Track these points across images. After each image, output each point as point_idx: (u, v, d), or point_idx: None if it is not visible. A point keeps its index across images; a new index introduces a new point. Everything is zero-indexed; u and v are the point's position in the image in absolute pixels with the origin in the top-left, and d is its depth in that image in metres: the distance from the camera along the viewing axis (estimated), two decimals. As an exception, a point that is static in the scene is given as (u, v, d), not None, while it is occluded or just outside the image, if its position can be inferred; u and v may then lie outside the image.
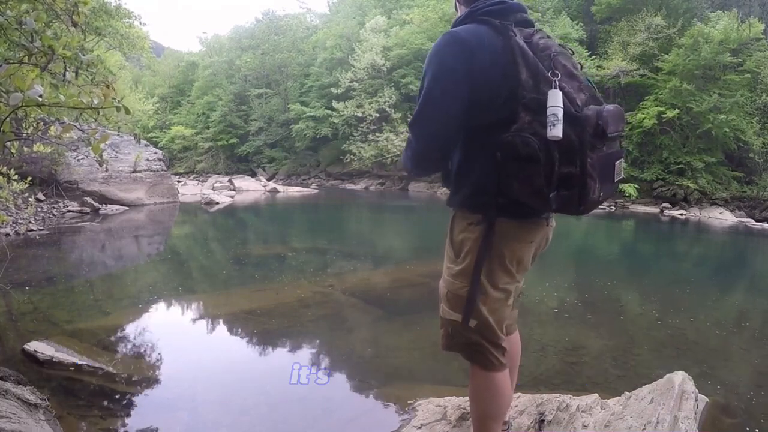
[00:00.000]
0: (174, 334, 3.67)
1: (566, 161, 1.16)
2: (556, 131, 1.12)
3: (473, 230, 1.35)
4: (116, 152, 12.09)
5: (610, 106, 1.22)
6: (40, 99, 1.56)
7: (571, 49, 1.38)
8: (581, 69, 1.34)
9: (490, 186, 1.28)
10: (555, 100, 1.13)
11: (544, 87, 1.17)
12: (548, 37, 1.32)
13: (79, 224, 8.88)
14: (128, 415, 2.37)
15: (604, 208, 17.08)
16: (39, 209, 9.28)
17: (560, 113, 1.13)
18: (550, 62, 1.21)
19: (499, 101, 1.24)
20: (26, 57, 1.88)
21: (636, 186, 17.54)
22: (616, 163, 1.27)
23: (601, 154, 1.18)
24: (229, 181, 21.20)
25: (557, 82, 1.16)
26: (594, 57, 20.65)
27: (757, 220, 15.26)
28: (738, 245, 10.99)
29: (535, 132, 1.17)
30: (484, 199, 1.31)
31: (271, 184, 21.41)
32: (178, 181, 20.63)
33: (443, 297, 1.46)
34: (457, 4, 1.46)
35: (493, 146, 1.23)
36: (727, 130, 17.03)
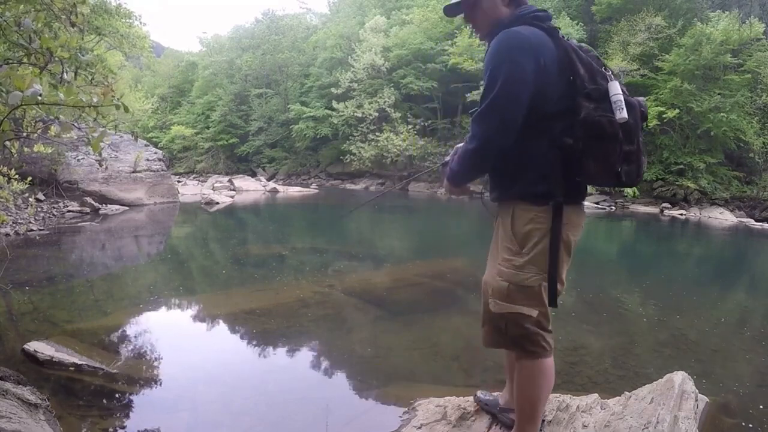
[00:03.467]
0: (174, 334, 3.67)
1: (627, 141, 1.31)
2: (624, 113, 1.28)
3: (541, 219, 1.40)
4: (116, 152, 12.06)
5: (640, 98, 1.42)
6: (39, 98, 1.56)
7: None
8: None
9: (555, 172, 1.37)
10: (616, 88, 1.30)
11: (601, 80, 1.34)
12: None
13: (79, 224, 8.87)
14: (128, 415, 2.37)
15: (604, 208, 17.07)
16: (39, 209, 9.27)
17: (622, 99, 1.29)
18: (598, 61, 1.39)
19: (556, 95, 1.35)
20: (26, 57, 1.88)
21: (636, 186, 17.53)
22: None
23: (643, 136, 1.38)
24: (229, 181, 21.20)
25: (611, 75, 1.34)
26: (594, 57, 20.62)
27: (757, 220, 15.26)
28: (738, 245, 10.99)
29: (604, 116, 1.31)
30: (550, 186, 1.38)
31: (271, 184, 21.40)
32: (178, 181, 20.62)
33: (499, 292, 1.47)
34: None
35: (560, 133, 1.34)
36: (727, 129, 17.02)
